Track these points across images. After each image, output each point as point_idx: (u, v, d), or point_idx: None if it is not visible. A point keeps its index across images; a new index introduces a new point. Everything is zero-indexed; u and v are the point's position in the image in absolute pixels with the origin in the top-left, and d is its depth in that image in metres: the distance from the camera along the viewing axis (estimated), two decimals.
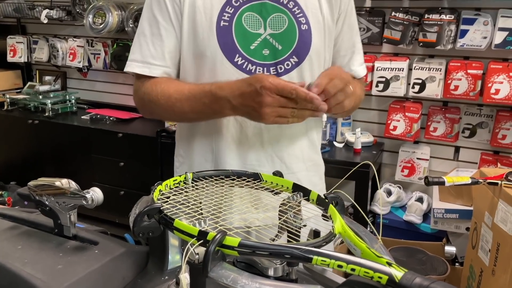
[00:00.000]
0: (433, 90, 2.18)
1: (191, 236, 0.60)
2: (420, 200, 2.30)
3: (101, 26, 2.70)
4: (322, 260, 0.54)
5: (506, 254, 1.64)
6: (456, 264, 2.16)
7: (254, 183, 0.82)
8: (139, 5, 2.70)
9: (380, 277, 0.51)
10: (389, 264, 0.52)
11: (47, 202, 0.86)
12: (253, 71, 1.00)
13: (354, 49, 1.14)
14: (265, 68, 1.01)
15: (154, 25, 1.02)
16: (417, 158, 2.32)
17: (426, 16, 2.13)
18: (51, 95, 3.02)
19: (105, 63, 2.96)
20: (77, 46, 3.00)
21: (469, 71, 2.09)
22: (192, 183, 0.82)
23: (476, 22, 2.04)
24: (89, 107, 3.06)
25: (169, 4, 1.00)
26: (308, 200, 0.74)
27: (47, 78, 3.26)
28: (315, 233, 0.64)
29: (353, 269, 0.52)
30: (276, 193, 0.80)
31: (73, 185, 0.86)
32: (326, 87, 0.86)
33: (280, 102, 0.84)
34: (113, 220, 2.68)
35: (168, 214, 0.65)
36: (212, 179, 0.83)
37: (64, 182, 0.86)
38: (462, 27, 2.07)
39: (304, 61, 1.02)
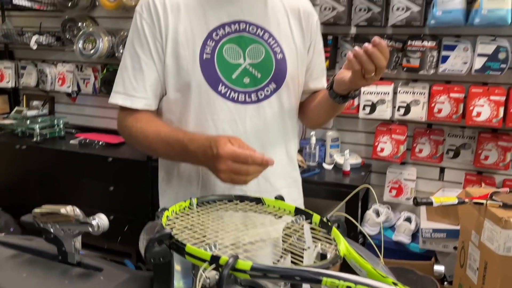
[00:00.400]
0: (418, 113, 2.25)
1: (204, 260, 0.62)
2: (408, 220, 2.34)
3: (91, 51, 2.73)
4: (331, 281, 0.57)
5: (494, 272, 1.69)
6: (445, 283, 2.19)
7: (257, 207, 0.85)
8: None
9: None
10: (395, 284, 0.56)
11: (51, 230, 0.87)
12: (235, 98, 1.07)
13: (323, 72, 1.27)
14: (246, 95, 1.08)
15: (136, 60, 1.07)
16: (404, 179, 2.38)
17: (409, 42, 2.22)
18: (39, 120, 3.00)
19: (95, 87, 2.97)
20: (66, 71, 3.01)
21: (451, 94, 2.17)
22: (196, 208, 0.84)
23: (456, 48, 2.14)
24: (77, 132, 3.05)
25: (151, 41, 1.06)
26: (310, 223, 0.77)
27: (34, 103, 3.25)
28: (322, 256, 0.67)
29: None
30: (279, 217, 0.82)
31: (77, 212, 0.88)
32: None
33: (233, 169, 0.88)
34: (102, 246, 2.65)
35: (179, 239, 0.67)
36: (216, 204, 0.86)
37: (69, 209, 0.88)
38: (444, 53, 2.16)
39: (282, 87, 1.11)
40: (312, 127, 1.30)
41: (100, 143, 2.86)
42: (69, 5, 2.84)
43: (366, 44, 0.92)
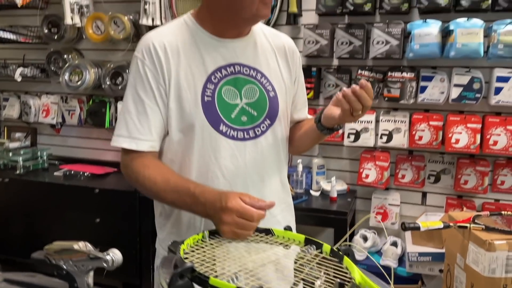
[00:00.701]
0: (400, 140, 2.35)
1: None
2: (394, 244, 2.40)
3: (78, 83, 2.74)
4: None
5: None
6: None
7: (267, 237, 0.89)
8: (116, 63, 2.78)
9: None
10: None
11: (64, 266, 0.88)
12: (235, 136, 1.13)
13: (305, 103, 1.36)
14: (244, 132, 1.14)
15: (140, 104, 1.10)
16: (389, 204, 2.45)
17: (389, 73, 2.33)
18: (22, 152, 2.96)
19: (80, 119, 2.97)
20: (51, 102, 3.00)
21: (430, 122, 2.28)
22: (209, 240, 0.87)
23: (433, 79, 2.26)
24: (61, 163, 3.02)
25: (154, 85, 1.10)
26: (321, 252, 0.82)
27: (17, 134, 3.21)
28: (340, 285, 0.70)
29: None
30: (289, 247, 0.86)
31: (90, 247, 0.90)
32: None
33: (238, 224, 0.91)
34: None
35: (201, 272, 0.70)
36: None
37: (81, 245, 0.89)
38: (422, 83, 2.28)
39: (275, 122, 1.19)
40: (296, 153, 1.39)
41: (86, 174, 2.84)
42: (55, 37, 2.86)
43: (354, 86, 1.01)
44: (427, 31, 2.16)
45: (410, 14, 2.31)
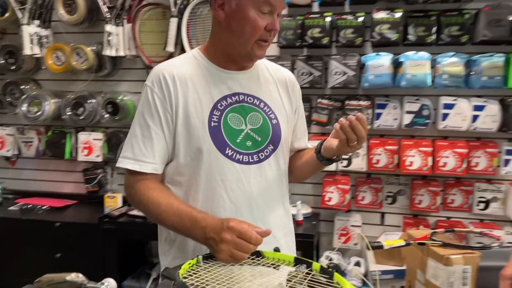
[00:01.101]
0: (359, 164, 2.49)
1: None
2: (357, 264, 2.50)
3: (37, 114, 2.68)
4: None
5: None
6: None
7: (258, 259, 0.93)
8: (77, 93, 2.77)
9: None
10: None
11: None
12: (240, 159, 1.19)
13: (305, 132, 1.46)
14: (249, 156, 1.21)
15: (146, 129, 1.17)
16: (351, 225, 2.56)
17: (347, 102, 2.49)
18: None
19: (38, 150, 2.88)
20: (6, 134, 2.90)
21: (386, 147, 2.44)
22: (203, 264, 0.90)
23: (387, 106, 2.44)
24: (17, 197, 2.90)
25: (161, 112, 1.17)
26: (311, 271, 0.87)
27: None
28: None
29: None
30: (277, 268, 0.92)
31: (82, 277, 0.90)
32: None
33: (236, 244, 0.96)
34: None
35: None
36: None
37: (73, 276, 0.90)
38: (377, 110, 2.45)
39: (278, 147, 1.26)
40: (296, 181, 1.47)
41: (44, 207, 2.74)
42: (12, 68, 2.80)
43: (350, 116, 1.11)
44: (380, 62, 2.34)
45: (364, 47, 2.49)
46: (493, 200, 2.42)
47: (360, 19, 2.38)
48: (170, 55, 2.68)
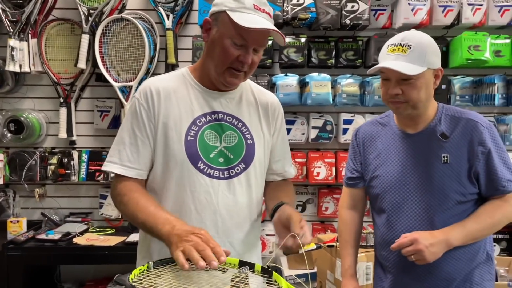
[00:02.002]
0: None
1: None
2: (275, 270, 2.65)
3: None
4: None
5: None
6: None
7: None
8: (14, 111, 2.62)
9: None
10: None
11: None
12: (211, 174, 1.26)
13: (285, 155, 1.49)
14: (220, 172, 1.28)
15: (133, 137, 1.26)
16: (266, 235, 2.71)
17: None
18: None
19: None
20: None
21: (296, 159, 2.65)
22: (154, 269, 0.95)
23: (295, 122, 2.66)
24: None
25: (146, 122, 1.26)
26: (253, 271, 0.98)
27: None
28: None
29: None
30: (224, 271, 1.00)
31: None
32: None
33: (198, 244, 0.99)
34: None
35: None
36: (169, 265, 0.98)
37: None
38: (287, 126, 2.63)
39: (250, 167, 1.32)
40: None
41: None
42: None
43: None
44: (288, 82, 2.56)
45: (273, 68, 2.69)
46: None
47: (270, 42, 2.58)
48: (81, 72, 2.63)
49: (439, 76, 1.47)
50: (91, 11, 2.52)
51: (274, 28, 1.21)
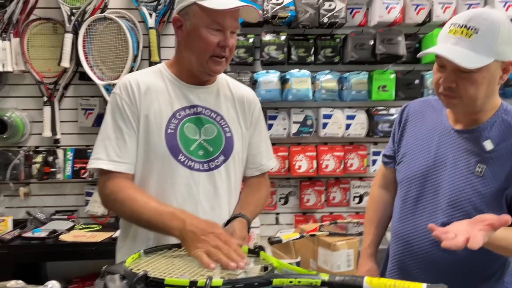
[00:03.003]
0: None
1: (184, 287, 0.83)
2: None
3: None
4: (279, 281, 0.86)
5: None
6: None
7: None
8: None
9: (316, 282, 0.86)
10: (317, 273, 0.89)
11: None
12: (192, 166, 1.30)
13: (262, 149, 1.52)
14: (200, 164, 1.31)
15: (118, 132, 1.26)
16: (251, 227, 2.78)
17: None
18: None
19: None
20: None
21: (279, 153, 2.74)
22: (145, 257, 1.02)
23: (277, 118, 2.74)
24: None
25: (130, 115, 1.27)
26: None
27: None
28: (265, 268, 0.95)
29: (299, 281, 0.87)
30: None
31: (22, 283, 0.95)
32: None
33: (221, 248, 1.02)
34: None
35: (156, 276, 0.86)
36: (159, 252, 1.05)
37: (13, 283, 0.94)
38: (269, 121, 2.73)
39: (229, 159, 1.36)
40: None
41: None
42: None
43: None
44: (269, 79, 2.63)
45: (254, 65, 2.77)
46: (366, 194, 2.87)
47: (251, 40, 2.65)
48: (65, 71, 2.65)
49: (509, 70, 1.19)
50: (74, 10, 2.55)
51: (247, 4, 1.25)
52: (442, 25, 2.68)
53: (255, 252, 1.03)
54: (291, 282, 0.86)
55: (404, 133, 1.45)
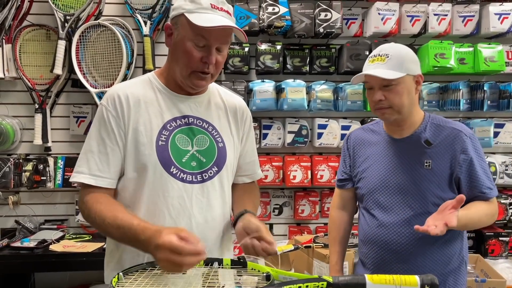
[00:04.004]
0: None
1: None
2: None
3: None
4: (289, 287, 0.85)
5: None
6: None
7: None
8: None
9: (322, 284, 0.85)
10: (319, 277, 0.87)
11: None
12: (184, 178, 1.26)
13: (254, 158, 1.51)
14: (193, 176, 1.28)
15: (102, 145, 1.23)
16: None
17: None
18: None
19: None
20: None
21: (273, 163, 2.71)
22: (124, 279, 0.97)
23: (272, 127, 2.72)
24: None
25: (116, 130, 1.23)
26: (222, 266, 1.02)
27: None
28: (267, 277, 0.93)
29: (307, 286, 0.85)
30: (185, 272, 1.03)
31: None
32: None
33: (169, 259, 0.98)
34: None
35: None
36: (138, 272, 1.02)
37: None
38: (264, 131, 2.71)
39: (222, 169, 1.33)
40: None
41: None
42: None
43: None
44: (264, 88, 2.62)
45: (249, 75, 2.76)
46: None
47: (246, 49, 2.64)
48: (57, 77, 2.61)
49: (420, 82, 1.57)
50: (68, 17, 2.52)
51: (233, 25, 1.22)
52: (437, 36, 2.73)
53: (240, 263, 1.01)
54: (299, 287, 0.85)
55: (356, 157, 1.72)
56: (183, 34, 1.22)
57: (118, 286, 0.92)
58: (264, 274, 0.95)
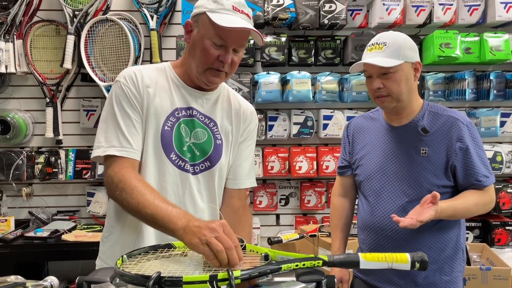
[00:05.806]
0: (256, 171, 2.74)
1: (204, 282, 0.83)
2: None
3: None
4: (287, 266, 0.89)
5: None
6: None
7: (172, 250, 1.07)
8: (0, 112, 2.65)
9: (318, 263, 0.89)
10: (315, 256, 0.91)
11: None
12: (181, 166, 1.31)
13: (243, 164, 1.47)
14: (189, 165, 1.32)
15: (127, 119, 1.27)
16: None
17: None
18: None
19: None
20: None
21: (279, 154, 2.75)
22: (128, 261, 1.01)
23: (278, 119, 2.75)
24: None
25: (136, 103, 1.28)
26: None
27: None
28: (266, 257, 0.97)
29: (304, 264, 0.89)
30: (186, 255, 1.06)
31: (21, 278, 0.97)
32: None
33: (220, 237, 0.95)
34: None
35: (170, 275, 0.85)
36: (141, 255, 1.05)
37: (13, 278, 0.96)
38: (269, 123, 2.75)
39: (215, 166, 1.36)
40: None
41: None
42: None
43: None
44: (270, 80, 2.65)
45: (255, 67, 2.78)
46: None
47: (251, 41, 2.67)
48: (67, 72, 2.67)
49: (419, 69, 1.56)
50: (76, 12, 2.57)
51: (253, 28, 1.26)
52: (442, 26, 2.73)
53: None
54: (297, 265, 0.89)
55: (354, 145, 1.74)
56: (203, 32, 1.26)
57: (123, 268, 0.96)
58: (263, 255, 0.99)
